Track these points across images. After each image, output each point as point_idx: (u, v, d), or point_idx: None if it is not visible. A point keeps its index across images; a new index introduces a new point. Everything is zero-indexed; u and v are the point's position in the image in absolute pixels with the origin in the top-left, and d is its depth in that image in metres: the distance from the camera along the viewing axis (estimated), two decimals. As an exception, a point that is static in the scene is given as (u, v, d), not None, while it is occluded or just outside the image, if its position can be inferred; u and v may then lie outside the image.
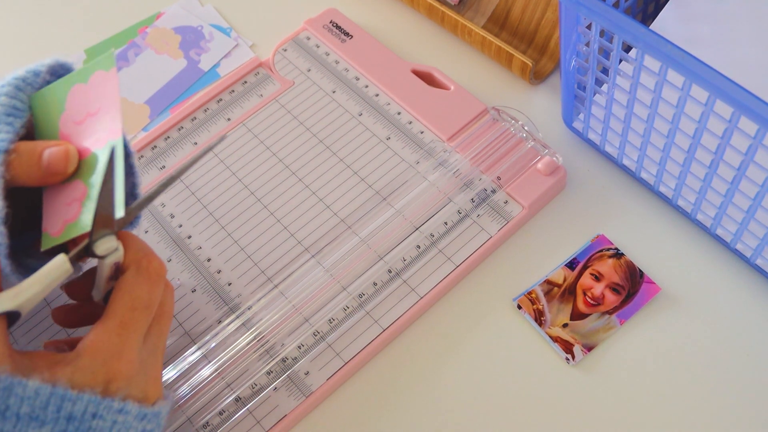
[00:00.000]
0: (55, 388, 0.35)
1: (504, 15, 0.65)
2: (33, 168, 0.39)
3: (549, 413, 0.48)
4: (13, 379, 0.34)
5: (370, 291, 0.52)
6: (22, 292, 0.36)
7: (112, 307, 0.38)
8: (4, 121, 0.39)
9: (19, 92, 0.40)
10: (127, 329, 0.38)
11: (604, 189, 0.56)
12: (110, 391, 0.37)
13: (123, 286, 0.39)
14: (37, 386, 0.35)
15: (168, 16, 0.70)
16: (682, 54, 0.41)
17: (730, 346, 0.49)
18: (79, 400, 0.35)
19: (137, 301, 0.39)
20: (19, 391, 0.34)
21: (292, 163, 0.58)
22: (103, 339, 0.37)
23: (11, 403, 0.34)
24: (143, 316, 0.39)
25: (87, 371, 0.36)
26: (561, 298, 0.51)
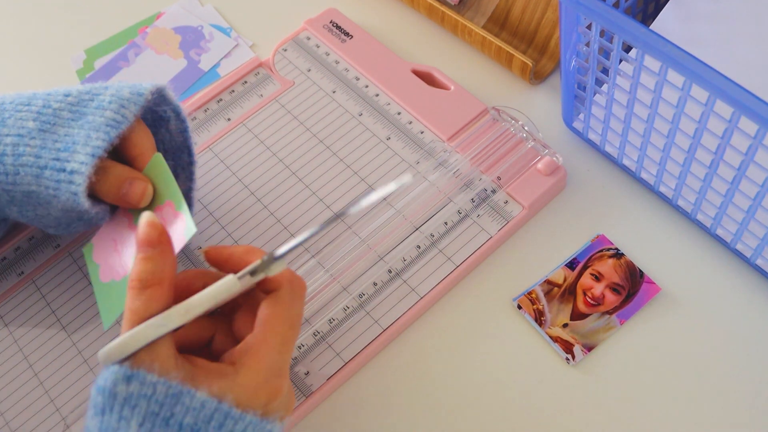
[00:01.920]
0: (221, 404, 0.35)
1: (504, 15, 0.65)
2: (113, 190, 0.45)
3: (549, 413, 0.48)
4: (182, 388, 0.35)
5: (370, 291, 0.52)
6: (192, 310, 0.36)
7: (272, 324, 0.38)
8: (103, 130, 0.44)
9: (122, 108, 0.45)
10: (287, 347, 0.39)
11: (604, 189, 0.56)
12: (269, 410, 0.37)
13: (282, 304, 0.39)
14: (204, 399, 0.35)
15: (168, 16, 0.70)
16: (682, 54, 0.41)
17: (730, 346, 0.49)
18: (241, 420, 0.35)
19: (295, 318, 0.39)
20: (187, 400, 0.35)
21: (292, 163, 0.58)
22: (267, 357, 0.38)
23: (177, 411, 0.34)
24: (297, 332, 0.40)
25: (252, 389, 0.37)
26: (561, 298, 0.51)
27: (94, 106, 0.45)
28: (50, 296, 0.54)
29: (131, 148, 0.46)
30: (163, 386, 0.34)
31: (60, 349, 0.52)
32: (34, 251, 0.56)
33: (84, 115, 0.45)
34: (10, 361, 0.52)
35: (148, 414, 0.34)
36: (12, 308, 0.54)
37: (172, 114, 0.49)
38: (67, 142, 0.44)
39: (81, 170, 0.43)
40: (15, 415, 0.50)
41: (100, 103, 0.45)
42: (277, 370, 0.38)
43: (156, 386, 0.34)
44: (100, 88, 0.46)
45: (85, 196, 0.43)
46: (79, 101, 0.46)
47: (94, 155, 0.43)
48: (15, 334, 0.53)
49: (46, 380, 0.51)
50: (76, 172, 0.43)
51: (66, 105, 0.45)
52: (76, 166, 0.43)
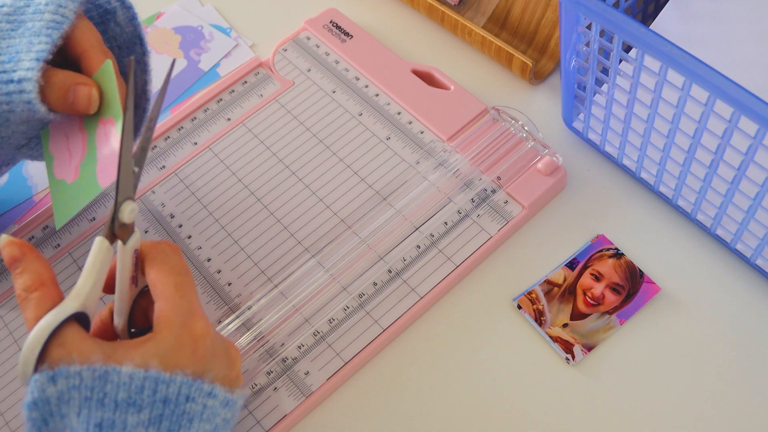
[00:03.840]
0: (148, 372, 0.35)
1: (504, 15, 0.65)
2: (60, 99, 0.43)
3: (549, 413, 0.48)
4: (107, 367, 0.35)
5: (370, 291, 0.52)
6: (81, 290, 0.37)
7: (158, 279, 0.39)
8: (44, 34, 0.43)
9: (60, 8, 0.44)
10: (184, 290, 0.39)
11: (604, 189, 0.56)
12: (199, 360, 0.37)
13: (155, 260, 0.40)
14: (131, 371, 0.35)
15: (168, 16, 0.70)
16: (682, 54, 0.41)
17: (730, 346, 0.49)
18: (173, 383, 0.36)
19: (177, 267, 0.40)
20: (115, 377, 0.35)
21: (292, 163, 0.58)
22: (170, 305, 0.38)
23: (108, 390, 0.34)
24: (190, 279, 0.40)
25: (171, 340, 0.37)
26: (561, 298, 0.51)
27: (32, 12, 0.44)
28: (50, 296, 0.54)
29: (75, 46, 0.45)
30: (88, 371, 0.34)
31: (60, 349, 0.52)
32: (34, 251, 0.56)
33: (23, 23, 0.44)
34: (10, 361, 0.52)
35: (83, 401, 0.34)
36: (12, 308, 0.54)
37: (118, 4, 0.48)
38: (10, 53, 0.43)
39: (29, 77, 0.42)
40: (15, 415, 0.50)
41: (37, 7, 0.44)
42: (186, 312, 0.38)
43: (81, 373, 0.34)
44: None
45: (40, 102, 0.42)
46: (15, 9, 0.44)
47: (39, 59, 0.42)
48: (15, 334, 0.53)
49: (46, 380, 0.51)
50: (24, 79, 0.42)
51: (2, 16, 0.44)
52: (23, 73, 0.42)
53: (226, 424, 0.38)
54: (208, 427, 0.37)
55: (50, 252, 0.56)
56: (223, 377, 0.39)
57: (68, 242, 0.56)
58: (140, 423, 0.35)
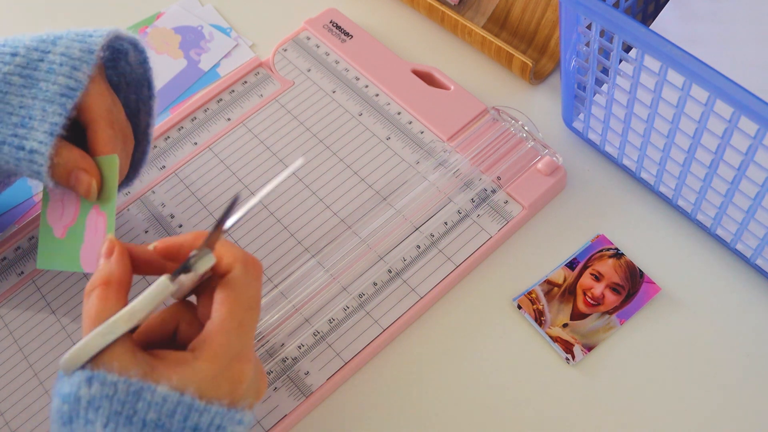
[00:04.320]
0: (183, 397, 0.35)
1: (504, 15, 0.65)
2: (62, 178, 0.45)
3: (549, 413, 0.48)
4: (143, 384, 0.34)
5: (370, 291, 0.52)
6: (135, 315, 0.36)
7: (228, 307, 0.37)
8: (58, 102, 0.44)
9: (74, 71, 0.44)
10: (245, 329, 0.38)
11: (604, 189, 0.56)
12: (236, 397, 0.37)
13: (235, 287, 0.38)
14: (165, 393, 0.34)
15: (168, 16, 0.70)
16: (682, 54, 0.41)
17: (730, 346, 0.49)
18: (207, 412, 0.35)
19: (252, 300, 0.38)
20: (148, 396, 0.34)
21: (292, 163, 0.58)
22: (225, 341, 0.37)
23: (139, 408, 0.34)
24: (256, 314, 0.39)
25: (211, 377, 0.36)
26: (561, 298, 0.51)
27: (45, 70, 0.44)
28: (50, 296, 0.54)
29: (85, 113, 0.45)
30: (124, 384, 0.34)
31: (60, 349, 0.52)
32: (34, 251, 0.56)
33: (36, 82, 0.44)
34: (10, 361, 0.52)
35: (112, 414, 0.34)
36: (12, 308, 0.54)
37: (130, 46, 0.48)
38: (22, 116, 0.44)
39: (41, 150, 0.43)
40: (15, 415, 0.50)
41: (51, 66, 0.44)
42: (236, 355, 0.37)
43: (117, 385, 0.34)
44: (48, 42, 0.45)
45: (49, 177, 0.44)
46: (28, 62, 0.45)
47: (53, 134, 0.43)
48: (15, 334, 0.53)
49: (46, 380, 0.51)
50: (36, 152, 0.43)
51: (15, 68, 0.44)
52: (36, 145, 0.43)
53: None
54: None
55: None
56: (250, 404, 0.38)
57: (68, 242, 0.56)
58: None
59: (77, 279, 0.55)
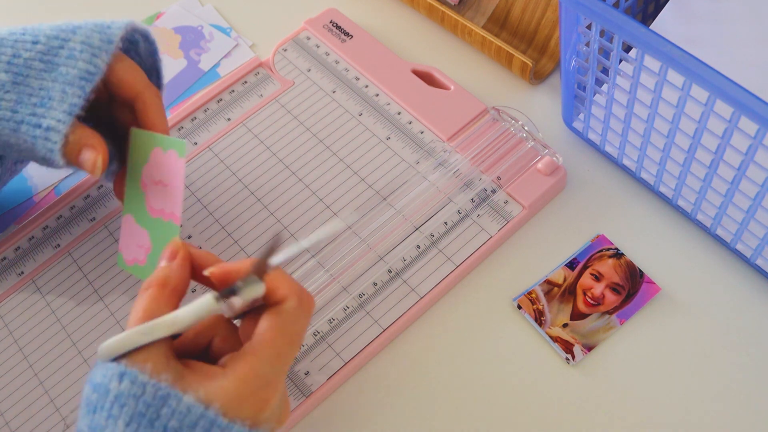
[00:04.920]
0: (207, 411, 0.35)
1: (504, 15, 0.65)
2: (73, 155, 0.45)
3: (549, 413, 0.48)
4: (171, 390, 0.34)
5: (370, 291, 0.52)
6: (177, 323, 0.37)
7: (271, 336, 0.38)
8: (77, 85, 0.45)
9: (94, 58, 0.46)
10: (282, 361, 0.38)
11: (604, 189, 0.56)
12: (258, 421, 0.37)
13: (285, 318, 0.38)
14: (190, 403, 0.35)
15: (168, 16, 0.70)
16: (682, 54, 0.41)
17: (730, 346, 0.49)
18: (228, 430, 0.35)
19: (297, 336, 0.38)
20: (173, 403, 0.34)
21: (292, 163, 0.58)
22: (257, 368, 0.37)
23: (163, 413, 0.34)
24: (296, 350, 0.39)
25: (237, 396, 0.36)
26: (561, 298, 0.51)
27: (66, 56, 0.45)
28: (50, 296, 0.54)
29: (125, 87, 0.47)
30: (153, 387, 0.34)
31: (60, 349, 0.52)
32: (34, 251, 0.56)
33: (56, 66, 0.45)
34: (10, 361, 0.52)
35: (136, 414, 0.34)
36: (12, 308, 0.54)
37: (141, 37, 0.50)
38: (42, 96, 0.44)
39: (58, 128, 0.44)
40: (15, 415, 0.50)
41: (71, 52, 0.45)
42: (266, 382, 0.37)
43: (146, 386, 0.34)
44: (68, 31, 0.47)
45: (61, 155, 0.44)
46: (49, 49, 0.46)
47: (71, 113, 0.44)
48: (15, 333, 0.53)
49: (46, 380, 0.51)
50: (52, 129, 0.44)
51: (36, 54, 0.45)
52: (53, 123, 0.44)
53: None
54: None
55: (50, 252, 0.56)
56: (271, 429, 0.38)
57: (68, 242, 0.56)
58: None
59: (77, 279, 0.55)
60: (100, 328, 0.52)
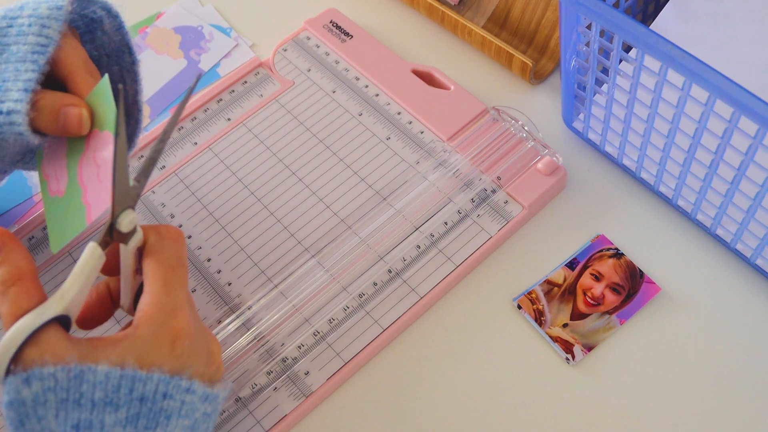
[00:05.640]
0: (124, 371, 0.35)
1: (504, 15, 0.65)
2: (51, 123, 0.43)
3: (549, 413, 0.48)
4: (82, 367, 0.34)
5: (370, 291, 0.52)
6: (66, 293, 0.36)
7: (149, 272, 0.39)
8: (30, 60, 0.42)
9: (44, 29, 0.43)
10: (173, 287, 0.38)
11: (604, 189, 0.56)
12: (178, 354, 0.37)
13: (152, 251, 0.39)
14: (106, 370, 0.35)
15: (168, 16, 0.70)
16: (682, 54, 0.41)
17: (730, 346, 0.49)
18: (150, 380, 0.35)
19: (172, 260, 0.39)
20: (90, 377, 0.34)
21: (292, 163, 0.58)
22: (154, 302, 0.37)
23: (84, 390, 0.34)
24: (182, 273, 0.39)
25: (149, 338, 0.36)
26: (561, 298, 0.51)
27: (15, 33, 0.43)
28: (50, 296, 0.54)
29: (61, 68, 0.44)
30: (62, 372, 0.34)
31: (60, 349, 0.52)
32: (34, 251, 0.56)
33: (7, 47, 0.43)
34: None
35: (59, 403, 0.34)
36: (12, 308, 0.54)
37: (104, 12, 0.48)
38: None
39: (18, 109, 0.41)
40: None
41: (20, 28, 0.43)
42: (169, 311, 0.37)
43: (55, 375, 0.34)
44: (15, 10, 0.45)
45: (31, 133, 0.42)
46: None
47: (27, 89, 0.42)
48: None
49: (46, 380, 0.51)
50: (13, 111, 0.42)
51: None
52: (12, 105, 0.42)
53: (207, 418, 0.38)
54: (187, 422, 0.37)
55: (50, 252, 0.56)
56: (202, 373, 0.38)
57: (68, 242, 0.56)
58: (118, 422, 0.35)
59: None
60: (100, 328, 0.52)
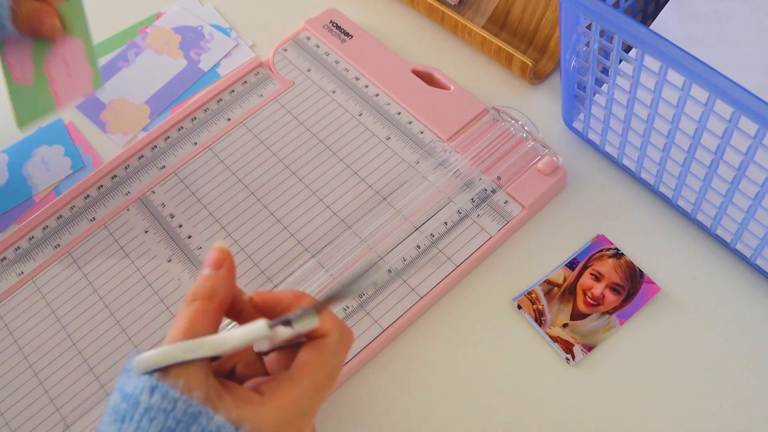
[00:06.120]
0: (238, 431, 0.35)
1: (504, 15, 0.65)
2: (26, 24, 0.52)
3: (549, 413, 0.48)
4: (202, 408, 0.34)
5: (370, 291, 0.52)
6: (223, 345, 0.36)
7: (311, 368, 0.38)
8: None
9: None
10: (319, 394, 0.38)
11: (604, 189, 0.56)
12: None
13: (326, 352, 0.38)
14: (220, 423, 0.34)
15: (168, 16, 0.70)
16: (682, 54, 0.41)
17: (730, 346, 0.49)
18: None
19: (335, 369, 0.38)
20: (204, 421, 0.34)
21: (292, 163, 0.58)
22: (296, 399, 0.37)
23: (192, 430, 0.34)
24: (333, 382, 0.39)
25: (272, 426, 0.36)
26: (561, 298, 0.51)
27: None
28: (50, 296, 0.54)
29: None
30: (184, 403, 0.34)
31: (60, 349, 0.52)
32: (34, 251, 0.56)
33: None
34: (10, 361, 0.52)
35: (165, 429, 0.34)
36: (12, 308, 0.54)
37: None
38: None
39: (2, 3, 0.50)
40: (15, 415, 0.50)
41: None
42: (302, 413, 0.37)
43: (177, 402, 0.34)
44: None
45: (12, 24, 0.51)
46: None
47: None
48: (15, 334, 0.53)
49: (46, 380, 0.51)
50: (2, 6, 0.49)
51: None
52: None
53: None
54: None
55: (50, 252, 0.56)
56: None
57: (68, 242, 0.56)
58: None
59: (77, 279, 0.55)
60: (100, 327, 0.52)
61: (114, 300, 0.54)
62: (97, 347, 0.52)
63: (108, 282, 0.54)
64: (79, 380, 0.51)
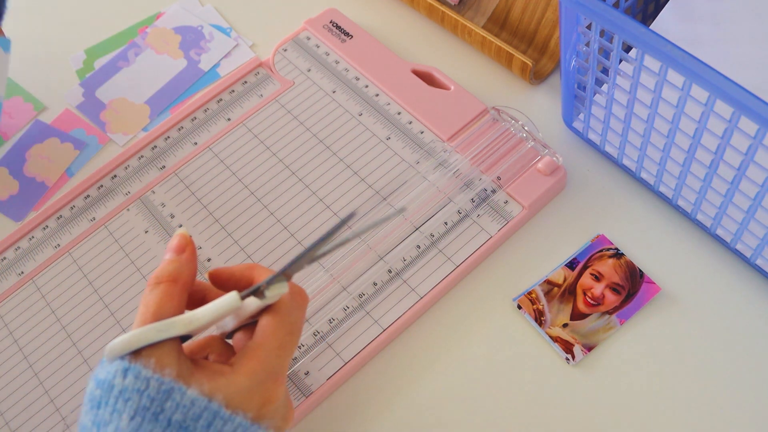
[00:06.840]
0: (210, 403, 0.35)
1: (504, 15, 0.65)
2: None
3: (549, 413, 0.48)
4: (174, 384, 0.35)
5: (370, 291, 0.52)
6: (195, 321, 0.37)
7: (269, 329, 0.38)
8: None
9: None
10: (285, 352, 0.39)
11: (604, 189, 0.56)
12: (262, 414, 0.37)
13: (281, 310, 0.39)
14: (194, 397, 0.35)
15: (168, 16, 0.70)
16: (682, 54, 0.41)
17: (730, 346, 0.49)
18: (230, 422, 0.35)
19: (294, 325, 0.39)
20: (177, 397, 0.35)
21: (292, 163, 0.58)
22: (263, 359, 0.37)
23: (167, 407, 0.34)
24: (296, 339, 0.40)
25: (245, 391, 0.36)
26: (561, 298, 0.51)
27: None
28: (50, 296, 0.54)
29: None
30: (156, 382, 0.35)
31: (60, 349, 0.52)
32: (34, 251, 0.56)
33: None
34: (10, 361, 0.52)
35: (140, 408, 0.34)
36: (12, 308, 0.54)
37: None
38: None
39: None
40: (15, 415, 0.50)
41: None
42: (273, 374, 0.38)
43: (149, 381, 0.35)
44: None
45: None
46: None
47: None
48: (15, 334, 0.53)
49: (46, 380, 0.51)
50: None
51: None
52: None
53: None
54: None
55: (50, 252, 0.56)
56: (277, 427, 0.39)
57: (68, 242, 0.56)
58: None
59: (77, 279, 0.55)
60: (100, 327, 0.53)
61: (114, 300, 0.54)
62: (97, 347, 0.52)
63: (108, 282, 0.54)
64: (79, 380, 0.51)
